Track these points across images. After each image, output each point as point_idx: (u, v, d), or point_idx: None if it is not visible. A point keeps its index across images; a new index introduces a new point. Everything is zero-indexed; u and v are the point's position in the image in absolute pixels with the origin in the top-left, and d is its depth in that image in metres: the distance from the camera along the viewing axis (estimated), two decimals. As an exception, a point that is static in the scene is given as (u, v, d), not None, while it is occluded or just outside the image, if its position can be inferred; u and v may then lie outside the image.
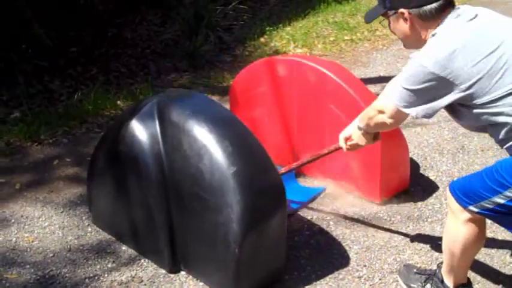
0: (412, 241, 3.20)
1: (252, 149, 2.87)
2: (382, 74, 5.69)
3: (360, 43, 6.73)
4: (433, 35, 2.39)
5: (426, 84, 2.31)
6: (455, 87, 2.29)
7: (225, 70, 5.81)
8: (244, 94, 4.03)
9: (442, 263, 2.73)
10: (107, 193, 3.12)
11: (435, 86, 2.31)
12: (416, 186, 3.70)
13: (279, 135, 3.91)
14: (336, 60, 5.89)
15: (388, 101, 2.55)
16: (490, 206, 2.34)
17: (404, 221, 3.39)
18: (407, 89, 2.37)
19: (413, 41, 2.51)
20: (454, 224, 2.53)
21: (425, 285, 2.77)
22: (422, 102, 2.36)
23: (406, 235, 3.26)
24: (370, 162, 3.47)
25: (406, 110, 2.43)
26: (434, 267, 2.87)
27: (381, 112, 2.62)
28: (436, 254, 3.07)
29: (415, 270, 2.87)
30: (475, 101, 2.30)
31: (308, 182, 3.80)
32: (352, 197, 3.61)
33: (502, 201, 2.30)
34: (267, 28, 6.91)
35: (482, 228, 2.52)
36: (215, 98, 5.11)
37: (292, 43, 6.54)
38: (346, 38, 6.85)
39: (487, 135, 2.51)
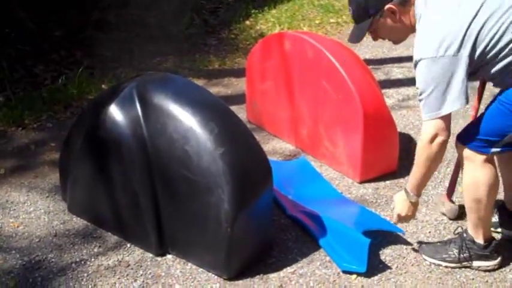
0: (396, 224, 3.21)
1: (237, 130, 2.89)
2: (367, 57, 5.68)
3: (345, 26, 6.71)
4: (419, 19, 2.45)
5: (439, 72, 2.38)
6: (461, 57, 2.37)
7: (210, 53, 5.78)
8: (257, 67, 4.22)
9: (460, 230, 2.88)
10: (86, 179, 3.07)
11: (447, 67, 2.37)
12: (402, 169, 3.71)
13: (283, 106, 4.03)
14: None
15: (425, 128, 2.52)
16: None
17: (390, 202, 3.39)
18: (431, 92, 2.42)
19: (403, 33, 2.61)
20: (473, 170, 2.63)
21: (460, 249, 2.82)
22: (447, 92, 2.40)
23: (391, 217, 3.27)
24: (353, 142, 3.53)
25: (443, 112, 2.44)
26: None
27: (429, 142, 2.51)
28: (422, 235, 3.09)
29: (438, 243, 2.93)
30: (484, 58, 2.41)
31: (297, 157, 3.80)
32: (338, 179, 3.62)
33: None
34: (253, 11, 6.89)
35: (495, 164, 2.68)
36: (201, 81, 5.10)
37: (278, 26, 6.51)
38: (331, 20, 6.84)
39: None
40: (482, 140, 2.56)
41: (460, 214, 3.24)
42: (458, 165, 3.26)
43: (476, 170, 2.61)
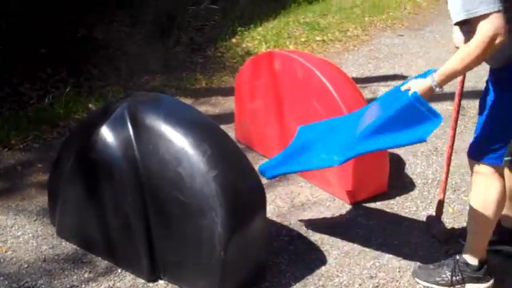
0: (390, 245, 3.20)
1: (231, 151, 2.88)
2: (354, 75, 5.70)
3: (331, 44, 6.74)
4: None
5: None
6: None
7: (197, 72, 5.76)
8: (246, 85, 4.21)
9: (453, 253, 2.88)
10: (76, 202, 3.02)
11: None
12: (392, 189, 3.71)
13: (273, 126, 4.03)
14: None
15: (484, 25, 2.22)
16: None
17: (382, 224, 3.39)
18: None
19: None
20: (485, 187, 2.67)
21: (453, 272, 2.82)
22: None
23: (384, 239, 3.26)
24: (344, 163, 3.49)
25: (496, 7, 2.20)
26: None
27: (488, 41, 2.24)
28: (415, 258, 3.09)
29: (431, 266, 2.92)
30: None
31: (288, 178, 3.80)
32: (329, 201, 3.61)
33: None
34: (239, 28, 6.88)
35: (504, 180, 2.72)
36: (188, 100, 5.08)
37: (264, 44, 6.52)
38: (317, 38, 6.86)
39: (459, 136, 2.60)
40: (493, 150, 2.59)
41: (450, 236, 3.25)
42: (445, 186, 3.28)
43: (489, 187, 2.65)
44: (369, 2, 8.52)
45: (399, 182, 3.84)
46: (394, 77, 5.69)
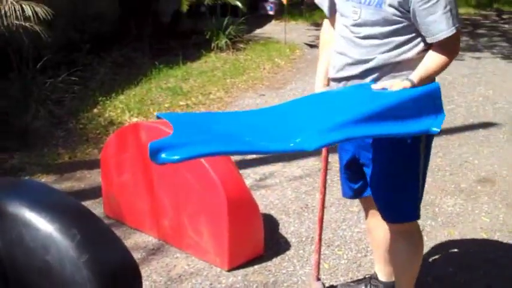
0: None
1: (101, 233, 2.71)
2: (221, 138, 5.72)
3: (195, 108, 6.77)
4: None
5: None
6: None
7: (59, 146, 5.55)
8: (112, 159, 4.08)
9: None
10: None
11: None
12: (268, 251, 3.72)
13: (143, 199, 3.90)
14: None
15: (453, 39, 2.46)
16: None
17: (262, 288, 3.38)
18: (454, 3, 2.43)
19: None
20: (414, 246, 2.77)
21: None
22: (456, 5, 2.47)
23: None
24: (219, 230, 3.48)
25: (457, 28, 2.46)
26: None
27: (457, 51, 2.56)
28: (297, 320, 3.09)
29: None
30: None
31: (162, 250, 3.69)
32: (206, 270, 3.54)
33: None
34: (100, 98, 6.75)
35: None
36: (52, 177, 4.87)
37: (127, 112, 6.42)
38: (181, 103, 6.87)
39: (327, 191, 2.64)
40: (408, 203, 2.68)
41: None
42: (320, 243, 3.31)
43: (418, 244, 2.75)
44: (229, 64, 8.72)
45: (274, 242, 3.86)
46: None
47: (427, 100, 2.49)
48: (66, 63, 7.21)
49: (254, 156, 5.36)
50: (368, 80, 2.55)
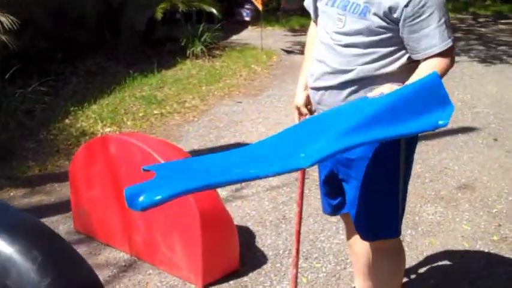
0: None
1: (64, 254, 2.59)
2: (195, 148, 5.61)
3: (170, 116, 6.63)
4: None
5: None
6: None
7: (29, 158, 5.37)
8: (81, 172, 3.93)
9: None
10: None
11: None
12: (244, 266, 3.59)
13: (113, 213, 3.74)
14: (148, 137, 5.72)
15: (447, 52, 2.37)
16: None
17: (237, 306, 3.25)
18: (447, 17, 2.36)
19: None
20: (396, 263, 2.67)
21: None
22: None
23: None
24: (192, 245, 3.34)
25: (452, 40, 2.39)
26: None
27: (451, 64, 2.43)
28: None
29: None
30: None
31: (134, 267, 3.54)
32: (179, 286, 3.40)
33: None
34: (72, 108, 6.58)
35: None
36: (21, 191, 4.71)
37: (100, 122, 6.26)
38: (155, 112, 6.72)
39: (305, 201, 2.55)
40: (390, 218, 2.57)
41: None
42: (298, 257, 3.19)
43: (399, 263, 2.65)
44: (205, 71, 8.59)
45: (251, 256, 3.73)
46: (236, 146, 5.65)
47: (428, 92, 2.28)
48: (38, 73, 7.03)
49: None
50: (346, 92, 2.44)
